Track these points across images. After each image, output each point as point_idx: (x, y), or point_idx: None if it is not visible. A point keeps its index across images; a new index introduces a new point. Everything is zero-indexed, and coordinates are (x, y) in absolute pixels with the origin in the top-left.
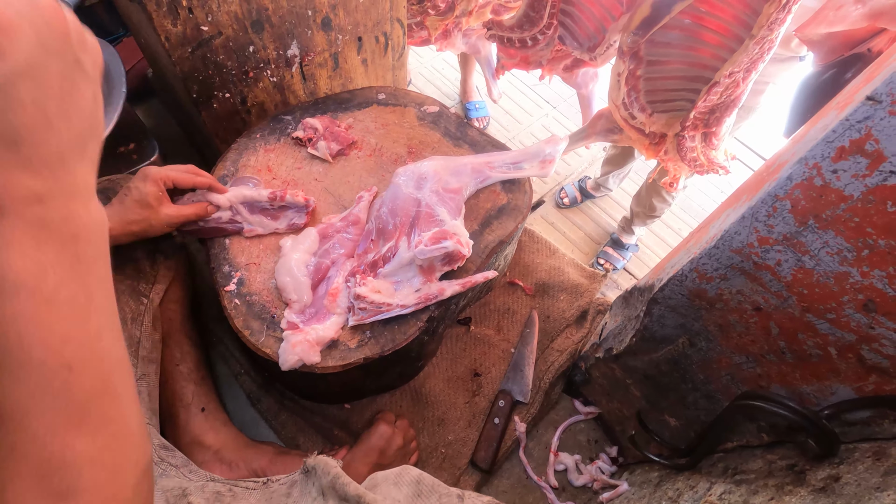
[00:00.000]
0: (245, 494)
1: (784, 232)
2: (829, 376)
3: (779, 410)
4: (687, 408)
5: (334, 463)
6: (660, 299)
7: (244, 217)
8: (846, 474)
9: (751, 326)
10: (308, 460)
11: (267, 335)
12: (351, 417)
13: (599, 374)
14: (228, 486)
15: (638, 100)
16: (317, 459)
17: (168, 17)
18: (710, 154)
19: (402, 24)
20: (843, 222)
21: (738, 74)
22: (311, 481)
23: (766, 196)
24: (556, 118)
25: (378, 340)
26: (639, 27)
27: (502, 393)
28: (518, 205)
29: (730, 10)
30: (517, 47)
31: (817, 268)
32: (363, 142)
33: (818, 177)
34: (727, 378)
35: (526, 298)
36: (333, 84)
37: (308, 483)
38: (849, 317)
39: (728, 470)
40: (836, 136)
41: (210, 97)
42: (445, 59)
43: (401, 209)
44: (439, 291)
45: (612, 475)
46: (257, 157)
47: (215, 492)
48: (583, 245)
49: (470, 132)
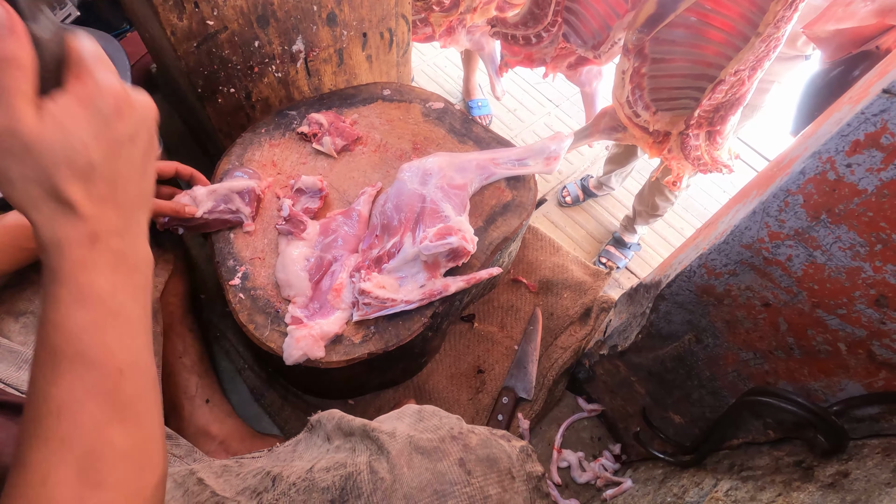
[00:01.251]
0: (251, 462)
1: (796, 227)
2: (838, 372)
3: (788, 407)
4: (692, 405)
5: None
6: (667, 295)
7: (240, 208)
8: (855, 470)
9: (759, 322)
10: (312, 417)
11: (271, 329)
12: (354, 413)
13: (603, 371)
14: (235, 460)
15: (642, 98)
16: (320, 414)
17: (174, 12)
18: (714, 153)
19: (407, 20)
20: (857, 217)
21: (744, 72)
22: (315, 433)
23: (777, 191)
24: (558, 116)
25: (382, 336)
26: (644, 25)
27: (506, 390)
28: (523, 202)
29: (736, 8)
30: (521, 44)
31: (829, 263)
32: (368, 137)
33: (832, 171)
34: (734, 374)
35: (530, 295)
36: (338, 80)
37: (313, 436)
38: (860, 312)
39: (734, 466)
40: (851, 130)
41: (215, 92)
42: (448, 56)
43: (406, 205)
44: (444, 287)
45: (615, 472)
46: (262, 152)
47: (223, 465)
48: (585, 243)
49: (475, 129)
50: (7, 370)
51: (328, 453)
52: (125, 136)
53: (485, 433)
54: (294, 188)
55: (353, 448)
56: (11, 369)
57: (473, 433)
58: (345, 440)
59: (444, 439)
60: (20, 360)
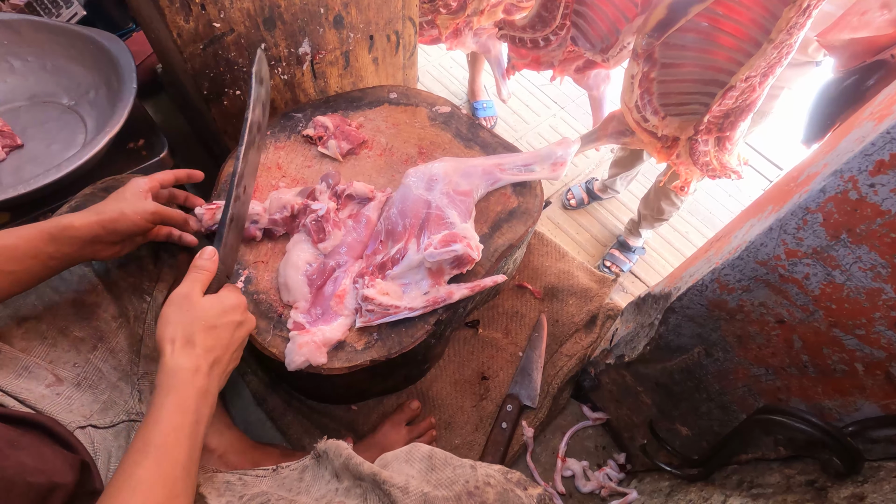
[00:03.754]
0: (255, 482)
1: (814, 245)
2: (854, 392)
3: (802, 427)
4: (700, 417)
5: (345, 445)
6: (677, 308)
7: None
8: (871, 493)
9: (772, 339)
10: (318, 444)
11: (274, 335)
12: (357, 419)
13: (609, 380)
14: (238, 476)
15: (651, 102)
16: (327, 443)
17: (181, 13)
18: (723, 159)
19: (414, 23)
20: (879, 237)
21: (755, 79)
22: (323, 465)
23: (795, 208)
24: (563, 119)
25: (385, 343)
26: (654, 29)
27: (510, 397)
28: (528, 208)
29: (747, 14)
30: (529, 47)
31: (848, 283)
32: (374, 141)
33: (853, 190)
34: (744, 389)
35: (535, 302)
36: (344, 82)
37: (320, 467)
38: (879, 333)
39: (743, 483)
40: (876, 150)
41: (220, 94)
42: (454, 57)
43: (410, 211)
44: (448, 295)
45: (619, 482)
46: (267, 154)
47: (225, 481)
48: (589, 247)
49: (481, 133)
50: (6, 378)
51: (337, 495)
52: (234, 322)
53: (500, 482)
54: (345, 193)
55: (363, 497)
56: (11, 377)
57: (489, 485)
58: (353, 483)
59: (459, 497)
60: (20, 367)
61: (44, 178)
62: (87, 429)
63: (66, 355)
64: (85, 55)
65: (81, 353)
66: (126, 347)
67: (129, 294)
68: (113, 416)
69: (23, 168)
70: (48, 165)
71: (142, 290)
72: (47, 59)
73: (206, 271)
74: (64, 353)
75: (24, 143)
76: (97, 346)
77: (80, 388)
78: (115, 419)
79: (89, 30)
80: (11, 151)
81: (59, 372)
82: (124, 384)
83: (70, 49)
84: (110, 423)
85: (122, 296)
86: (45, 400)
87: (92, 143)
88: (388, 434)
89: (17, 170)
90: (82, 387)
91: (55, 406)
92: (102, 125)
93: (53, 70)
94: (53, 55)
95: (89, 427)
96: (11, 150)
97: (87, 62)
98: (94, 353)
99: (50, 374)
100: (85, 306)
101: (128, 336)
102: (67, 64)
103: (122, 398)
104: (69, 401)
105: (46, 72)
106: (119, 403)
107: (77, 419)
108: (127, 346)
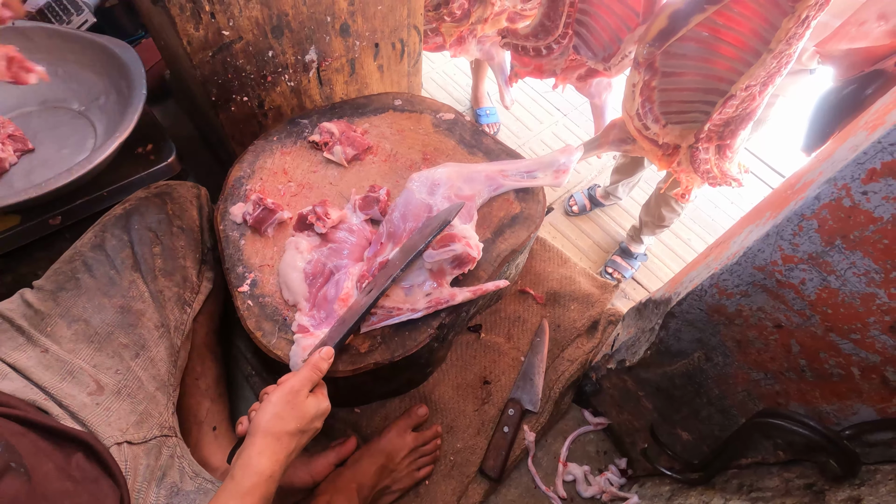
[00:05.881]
0: None
1: (810, 251)
2: (851, 396)
3: (800, 430)
4: (700, 422)
5: None
6: (677, 313)
7: None
8: (868, 496)
9: (770, 343)
10: None
11: (279, 337)
12: (361, 421)
13: (610, 385)
14: None
15: (652, 111)
16: None
17: (191, 22)
18: (723, 166)
19: (419, 31)
20: (872, 244)
21: (755, 88)
22: None
23: (791, 215)
24: (566, 126)
25: (388, 346)
26: (655, 38)
27: (512, 401)
28: (531, 214)
29: (747, 24)
30: (531, 56)
31: (843, 288)
32: (378, 147)
33: (847, 198)
34: (744, 394)
35: (537, 307)
36: (349, 89)
37: None
38: (874, 338)
39: (743, 487)
40: (868, 158)
41: (228, 100)
42: (457, 64)
43: (412, 214)
44: (450, 296)
45: (621, 487)
46: (273, 159)
47: None
48: (591, 253)
49: (485, 140)
50: (52, 380)
51: None
52: (317, 429)
53: None
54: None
55: None
56: (56, 379)
57: None
58: None
59: None
60: (65, 370)
61: (54, 181)
62: (122, 445)
63: (110, 361)
64: (95, 62)
65: (124, 360)
66: (165, 357)
67: (172, 304)
68: (147, 430)
69: (34, 172)
70: (58, 169)
71: (183, 301)
72: (59, 65)
73: (321, 373)
74: (108, 358)
75: (35, 148)
76: (139, 354)
77: (119, 396)
78: (149, 434)
79: (100, 37)
80: (23, 155)
81: (100, 378)
82: (161, 394)
83: (81, 55)
84: (143, 438)
85: (166, 305)
86: (86, 409)
87: (101, 148)
88: (394, 440)
89: (29, 173)
90: (122, 395)
91: (95, 417)
92: (112, 130)
93: (65, 76)
94: (65, 61)
95: (125, 444)
96: (23, 154)
97: (98, 68)
98: (135, 360)
99: (92, 380)
100: (131, 313)
101: (168, 346)
102: (78, 70)
103: (157, 410)
104: (108, 412)
105: (58, 77)
106: (154, 416)
107: (114, 433)
108: (166, 356)
